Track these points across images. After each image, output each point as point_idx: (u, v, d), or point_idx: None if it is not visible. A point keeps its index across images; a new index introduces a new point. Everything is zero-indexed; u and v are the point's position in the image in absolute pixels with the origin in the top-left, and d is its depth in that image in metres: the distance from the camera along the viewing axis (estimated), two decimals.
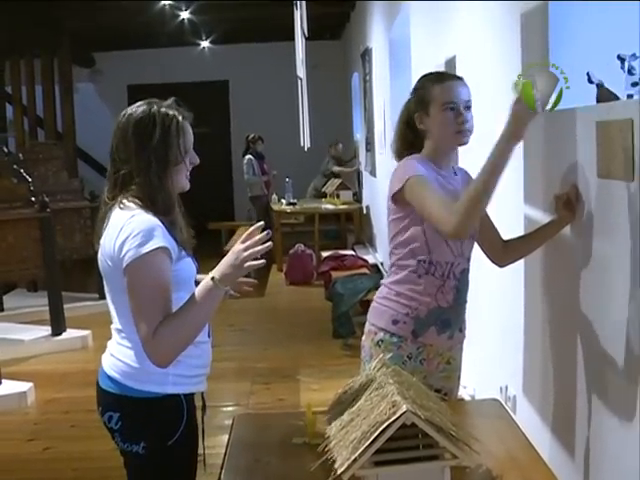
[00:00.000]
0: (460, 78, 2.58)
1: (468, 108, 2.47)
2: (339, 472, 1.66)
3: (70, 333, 6.75)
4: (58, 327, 6.69)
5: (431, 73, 2.67)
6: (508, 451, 2.10)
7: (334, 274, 7.18)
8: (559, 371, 2.83)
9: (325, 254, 8.48)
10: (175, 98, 2.15)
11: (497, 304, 3.71)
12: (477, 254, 2.67)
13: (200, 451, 2.29)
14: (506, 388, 3.50)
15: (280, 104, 12.14)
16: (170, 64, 12.87)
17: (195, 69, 13.03)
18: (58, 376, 5.90)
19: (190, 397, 2.19)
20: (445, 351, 2.59)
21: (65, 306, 6.87)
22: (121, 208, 2.05)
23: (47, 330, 6.71)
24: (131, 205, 2.04)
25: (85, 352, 6.58)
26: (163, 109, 2.09)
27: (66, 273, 7.88)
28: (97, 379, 2.21)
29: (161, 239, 1.99)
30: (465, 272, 2.54)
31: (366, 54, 9.48)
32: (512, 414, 2.54)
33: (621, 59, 2.25)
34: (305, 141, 7.89)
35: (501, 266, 2.77)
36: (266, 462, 2.12)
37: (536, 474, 1.99)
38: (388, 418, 1.64)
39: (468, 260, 2.52)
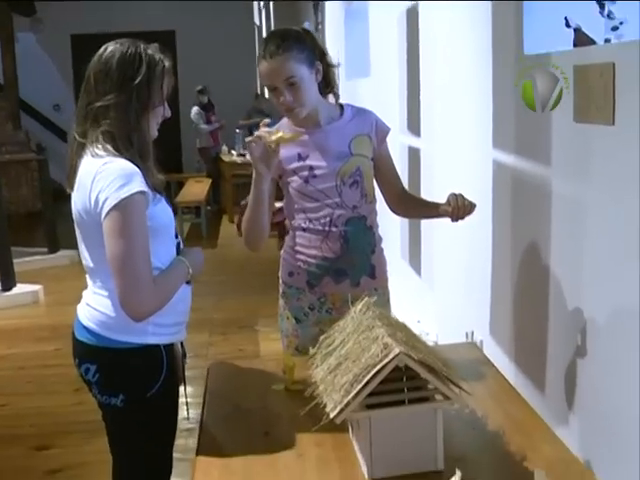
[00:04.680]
0: (279, 53, 2.32)
1: (292, 84, 2.34)
2: (332, 416, 1.64)
3: (20, 288, 6.61)
4: (7, 282, 6.55)
5: (267, 37, 2.46)
6: (489, 392, 2.12)
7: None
8: (529, 313, 2.86)
9: (278, 205, 8.38)
10: (158, 44, 2.08)
11: (462, 247, 3.72)
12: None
13: (182, 400, 2.26)
14: (472, 334, 3.52)
15: (228, 54, 11.96)
16: (115, 13, 12.51)
17: (141, 19, 12.69)
18: (10, 332, 5.79)
19: (169, 347, 2.14)
20: (356, 298, 2.58)
21: (14, 261, 6.72)
22: (93, 156, 1.97)
23: None
24: (103, 153, 1.96)
25: (36, 307, 6.46)
26: (150, 51, 2.02)
27: (13, 227, 7.68)
28: (72, 330, 2.14)
29: (139, 183, 1.92)
30: (354, 220, 2.50)
31: (318, 2, 9.32)
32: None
33: (600, 3, 2.23)
34: (264, 89, 7.77)
35: (397, 214, 2.81)
36: (247, 409, 2.10)
37: (518, 412, 2.02)
38: (381, 360, 1.62)
39: (355, 208, 2.49)
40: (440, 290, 4.14)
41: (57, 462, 3.73)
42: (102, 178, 1.91)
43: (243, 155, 9.97)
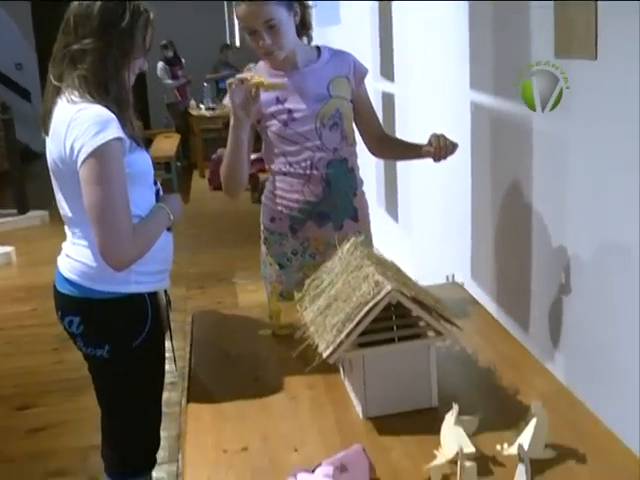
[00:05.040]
0: None
1: (271, 27, 2.29)
2: (325, 356, 1.62)
3: None
4: None
5: None
6: (478, 329, 2.11)
7: (262, 176, 7.08)
8: (512, 253, 2.86)
9: (252, 156, 8.32)
10: None
11: (440, 191, 3.71)
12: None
13: (169, 350, 2.23)
14: (452, 276, 3.53)
15: (194, 6, 11.71)
16: None
17: None
18: None
19: (153, 296, 2.10)
20: (340, 242, 2.56)
21: None
22: (68, 102, 1.91)
23: None
24: (78, 99, 1.90)
25: (9, 268, 6.37)
26: (135, 1, 1.96)
27: None
28: (54, 283, 2.09)
29: (116, 129, 1.86)
30: (335, 163, 2.47)
31: None
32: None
33: None
34: (235, 40, 7.64)
35: (377, 156, 2.79)
36: (235, 355, 2.08)
37: (508, 348, 2.01)
38: (372, 298, 1.60)
39: (336, 151, 2.45)
40: (418, 236, 4.13)
41: (39, 421, 3.70)
42: (77, 125, 1.85)
43: (212, 109, 9.85)
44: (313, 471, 1.41)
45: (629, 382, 2.01)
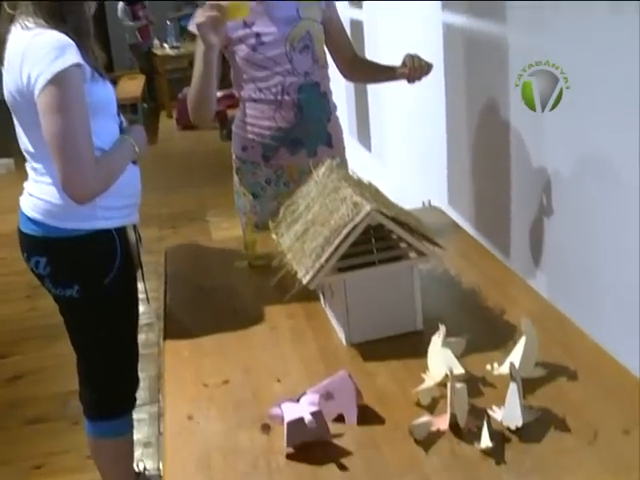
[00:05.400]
0: None
1: None
2: (305, 282, 1.56)
3: None
4: None
5: None
6: (460, 251, 2.06)
7: (230, 112, 6.93)
8: (490, 176, 2.80)
9: (219, 93, 8.16)
10: None
11: (414, 117, 3.62)
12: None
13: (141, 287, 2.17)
14: (429, 202, 3.47)
15: None
16: None
17: None
18: None
19: (122, 231, 2.01)
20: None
21: None
22: (22, 28, 1.79)
23: None
24: (33, 25, 1.78)
25: None
26: None
27: None
28: (18, 225, 1.99)
29: (74, 55, 1.75)
30: (307, 87, 2.37)
31: None
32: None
33: None
34: None
35: (349, 79, 2.73)
36: (211, 288, 2.00)
37: (492, 269, 1.96)
38: (352, 220, 1.53)
39: (307, 75, 2.36)
40: (392, 163, 4.06)
41: (17, 369, 3.63)
42: (33, 52, 1.74)
43: (176, 48, 9.61)
44: (298, 400, 1.35)
45: (610, 298, 1.98)
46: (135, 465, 2.46)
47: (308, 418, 1.25)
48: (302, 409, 1.28)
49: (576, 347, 1.55)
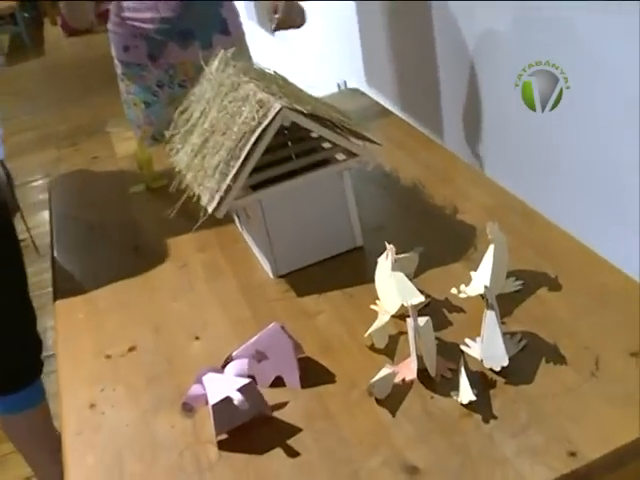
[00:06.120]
0: None
1: None
2: (210, 210, 1.24)
3: None
4: None
5: None
6: (393, 140, 1.74)
7: None
8: (411, 45, 2.46)
9: None
10: None
11: None
12: None
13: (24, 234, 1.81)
14: (345, 83, 3.13)
15: None
16: None
17: None
18: None
19: None
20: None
21: None
22: None
23: None
24: None
25: None
26: None
27: None
28: None
29: None
30: None
31: None
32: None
33: None
34: None
35: None
36: (105, 225, 1.67)
37: (434, 158, 1.66)
38: (259, 123, 1.20)
39: None
40: (299, 46, 3.68)
41: None
42: None
43: None
44: (223, 368, 1.06)
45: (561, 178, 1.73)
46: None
47: (237, 397, 0.95)
48: (228, 384, 0.98)
49: (550, 246, 1.27)
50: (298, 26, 2.03)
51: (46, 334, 2.01)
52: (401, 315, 1.12)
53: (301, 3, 2.01)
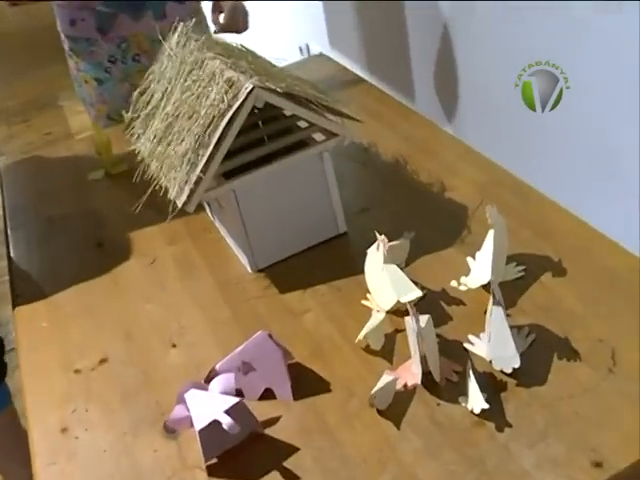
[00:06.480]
0: None
1: None
2: (180, 204, 1.13)
3: None
4: None
5: None
6: (366, 109, 1.64)
7: None
8: (378, 6, 2.35)
9: None
10: None
11: None
12: None
13: None
14: (307, 47, 3.01)
15: None
16: None
17: None
18: None
19: None
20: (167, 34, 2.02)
21: None
22: None
23: None
24: None
25: None
26: None
27: None
28: None
29: None
30: None
31: None
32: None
33: None
34: None
35: None
36: (64, 217, 1.54)
37: (413, 128, 1.56)
38: (229, 105, 1.09)
39: None
40: (257, 11, 3.53)
41: None
42: None
43: None
44: (207, 382, 0.97)
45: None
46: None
47: (226, 421, 0.85)
48: (215, 404, 0.89)
49: (549, 226, 1.18)
50: (241, 31, 1.90)
51: (8, 326, 1.90)
52: (396, 310, 1.03)
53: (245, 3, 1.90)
